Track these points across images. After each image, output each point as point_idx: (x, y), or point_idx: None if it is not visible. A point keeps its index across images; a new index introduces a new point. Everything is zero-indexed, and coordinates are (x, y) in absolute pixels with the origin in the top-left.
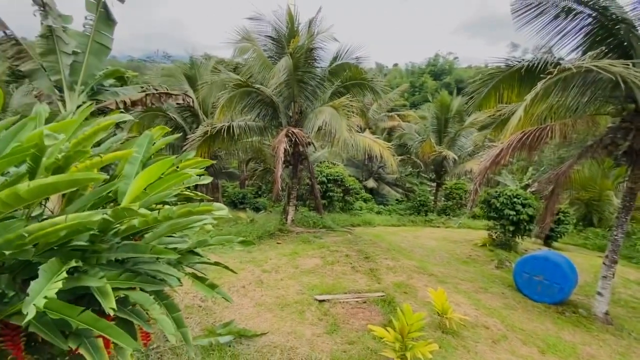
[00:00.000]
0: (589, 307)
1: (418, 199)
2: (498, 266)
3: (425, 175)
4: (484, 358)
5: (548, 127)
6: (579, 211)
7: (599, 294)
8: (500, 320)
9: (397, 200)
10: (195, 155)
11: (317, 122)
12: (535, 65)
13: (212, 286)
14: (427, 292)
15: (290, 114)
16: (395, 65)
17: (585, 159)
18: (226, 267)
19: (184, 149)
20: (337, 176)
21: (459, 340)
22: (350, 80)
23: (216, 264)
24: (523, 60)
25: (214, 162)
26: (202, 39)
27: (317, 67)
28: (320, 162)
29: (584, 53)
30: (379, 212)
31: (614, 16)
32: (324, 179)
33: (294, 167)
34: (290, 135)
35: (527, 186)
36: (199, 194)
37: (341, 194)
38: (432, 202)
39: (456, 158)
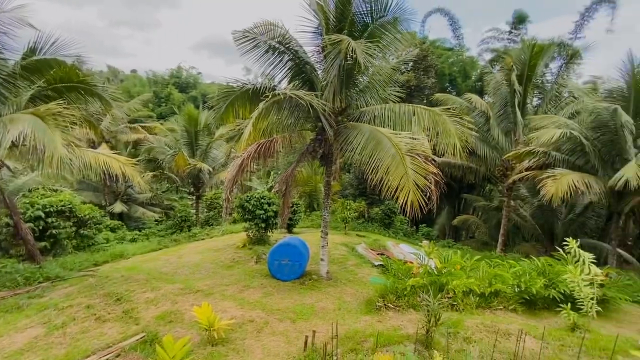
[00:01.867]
0: (318, 271)
1: (179, 215)
2: (257, 261)
3: (185, 189)
4: (252, 351)
5: (274, 139)
6: (305, 201)
7: (322, 259)
8: (262, 309)
9: (156, 221)
10: None
11: (9, 135)
12: (258, 88)
13: None
14: (193, 312)
15: None
16: (134, 71)
17: (302, 163)
18: None
19: None
20: (63, 206)
21: (228, 346)
22: (62, 82)
23: None
24: (251, 83)
25: None
26: None
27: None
28: (30, 190)
29: (290, 82)
30: (133, 240)
31: (302, 58)
32: (40, 212)
33: None
34: None
35: (271, 187)
36: None
37: (73, 229)
38: (194, 216)
39: (211, 170)
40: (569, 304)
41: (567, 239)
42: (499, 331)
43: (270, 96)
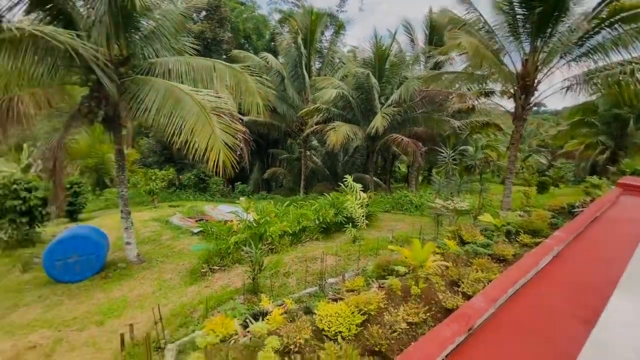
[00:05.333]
0: (125, 258)
1: None
2: (25, 269)
3: None
4: None
5: (16, 98)
6: (91, 178)
7: (128, 243)
8: (48, 327)
9: None
10: None
11: None
12: None
13: None
14: None
15: None
16: None
17: (74, 129)
18: None
19: None
20: None
21: None
22: None
23: None
24: None
25: None
26: None
27: None
28: None
29: (28, 14)
30: None
31: None
32: None
33: None
34: None
35: (29, 166)
36: None
37: None
38: None
39: None
40: (350, 224)
41: (345, 175)
42: (308, 259)
43: None
